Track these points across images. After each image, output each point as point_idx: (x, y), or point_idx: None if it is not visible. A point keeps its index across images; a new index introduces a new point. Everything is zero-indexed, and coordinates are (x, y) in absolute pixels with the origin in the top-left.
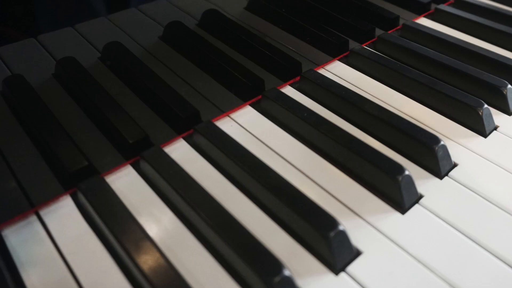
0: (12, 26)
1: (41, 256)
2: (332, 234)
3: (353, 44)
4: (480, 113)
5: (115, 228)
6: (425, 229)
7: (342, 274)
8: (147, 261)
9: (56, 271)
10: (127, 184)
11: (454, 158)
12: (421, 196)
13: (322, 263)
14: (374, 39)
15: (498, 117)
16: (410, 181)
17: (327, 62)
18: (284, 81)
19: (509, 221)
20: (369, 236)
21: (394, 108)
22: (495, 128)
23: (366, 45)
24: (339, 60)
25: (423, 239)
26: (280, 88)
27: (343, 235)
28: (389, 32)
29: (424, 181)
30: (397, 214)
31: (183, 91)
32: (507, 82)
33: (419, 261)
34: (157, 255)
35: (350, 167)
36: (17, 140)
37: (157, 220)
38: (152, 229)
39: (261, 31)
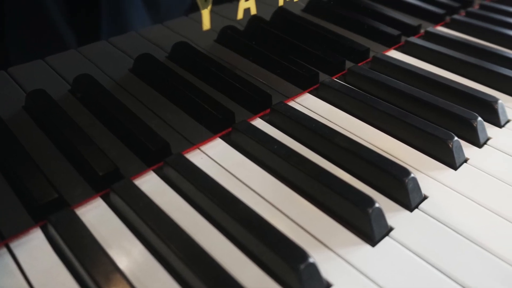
0: None
1: None
2: (302, 266)
3: (323, 77)
4: (450, 146)
5: (85, 260)
6: (395, 261)
7: None
8: None
9: None
10: (97, 216)
11: (424, 191)
12: (391, 229)
13: None
14: (344, 72)
15: (468, 149)
16: (380, 213)
17: (297, 94)
18: (254, 113)
19: (479, 254)
20: (339, 269)
21: (364, 140)
22: (465, 160)
23: (336, 78)
24: (309, 92)
25: (393, 272)
26: (250, 120)
27: (313, 268)
28: (359, 64)
29: (394, 214)
30: (367, 247)
31: (153, 123)
32: (477, 115)
33: None
34: (127, 287)
35: (320, 199)
36: None
37: (127, 253)
38: (122, 262)
39: (231, 64)
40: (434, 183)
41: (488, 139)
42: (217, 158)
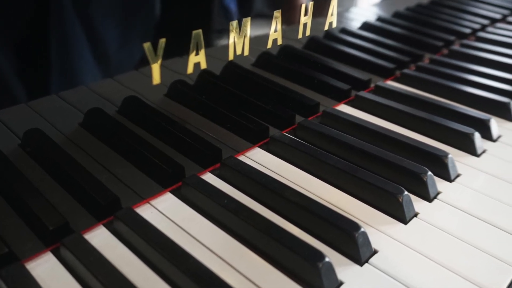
0: None
1: None
2: None
3: (273, 131)
4: (400, 200)
5: None
6: None
7: None
8: None
9: None
10: (47, 270)
11: (374, 245)
12: (341, 283)
13: None
14: (294, 126)
15: (418, 204)
16: (330, 268)
17: (247, 148)
18: (205, 168)
19: None
20: None
21: (314, 194)
22: (415, 215)
23: (286, 132)
24: (260, 147)
25: None
26: (201, 175)
27: None
28: (310, 118)
29: (344, 268)
30: None
31: (103, 178)
32: (427, 169)
33: None
34: None
35: (270, 253)
36: None
37: None
38: None
39: (181, 118)
40: (384, 238)
41: (438, 193)
42: (167, 213)
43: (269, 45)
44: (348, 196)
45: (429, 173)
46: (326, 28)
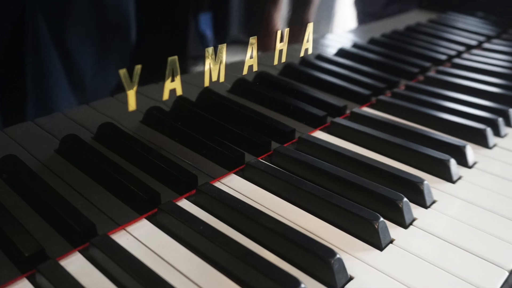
0: None
1: None
2: None
3: (249, 157)
4: (376, 227)
5: None
6: None
7: None
8: None
9: None
10: None
11: (350, 271)
12: None
13: None
14: (270, 152)
15: (394, 230)
16: None
17: (223, 175)
18: (180, 194)
19: None
20: None
21: (290, 221)
22: (391, 241)
23: (262, 158)
24: (235, 173)
25: None
26: (176, 201)
27: None
28: (285, 145)
29: None
30: None
31: (79, 204)
32: (402, 195)
33: None
34: None
35: (246, 280)
36: None
37: None
38: None
39: (157, 144)
40: (360, 264)
41: (414, 220)
42: (142, 239)
43: (245, 71)
44: (323, 222)
45: (405, 199)
46: (302, 54)
